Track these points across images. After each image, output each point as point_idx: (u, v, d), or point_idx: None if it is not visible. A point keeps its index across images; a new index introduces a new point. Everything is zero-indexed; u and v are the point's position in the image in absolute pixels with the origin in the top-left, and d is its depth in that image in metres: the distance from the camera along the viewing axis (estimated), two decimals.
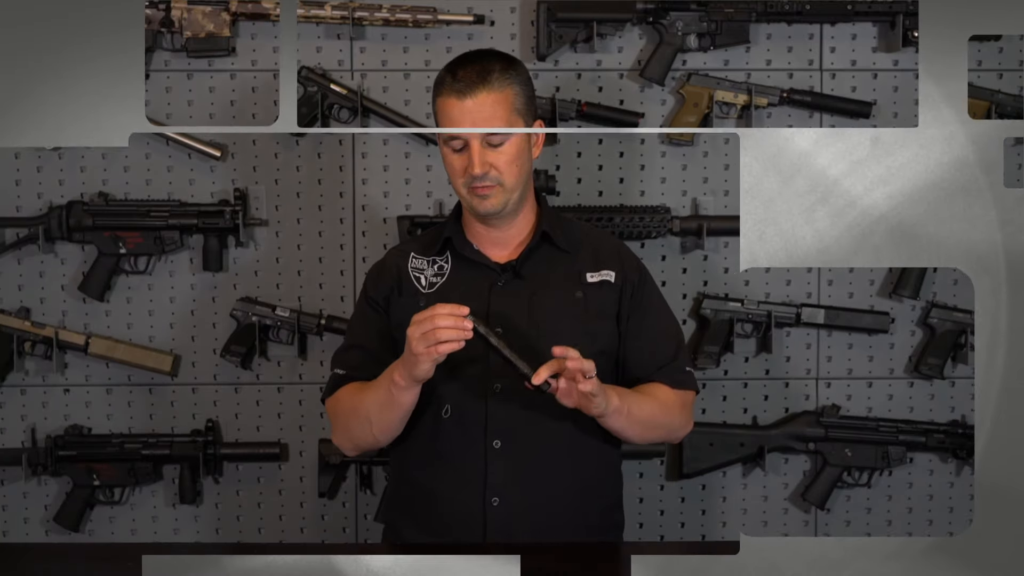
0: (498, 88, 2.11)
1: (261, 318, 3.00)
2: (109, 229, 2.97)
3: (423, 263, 2.23)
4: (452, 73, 2.13)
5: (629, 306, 2.22)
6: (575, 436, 2.16)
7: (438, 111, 2.15)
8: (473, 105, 2.09)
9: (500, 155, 2.11)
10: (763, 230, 1.68)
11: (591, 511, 2.20)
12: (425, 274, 2.22)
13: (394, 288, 2.22)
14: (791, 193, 1.69)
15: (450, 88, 2.12)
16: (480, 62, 2.14)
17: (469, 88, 2.10)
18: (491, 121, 2.10)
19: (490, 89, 2.11)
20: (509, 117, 2.12)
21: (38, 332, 3.00)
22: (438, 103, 2.15)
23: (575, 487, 2.17)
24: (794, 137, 1.69)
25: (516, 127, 2.13)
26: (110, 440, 3.00)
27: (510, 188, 2.13)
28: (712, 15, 2.99)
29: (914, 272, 3.04)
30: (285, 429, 3.07)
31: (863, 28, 3.05)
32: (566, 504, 2.15)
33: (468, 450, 2.13)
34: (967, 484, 3.12)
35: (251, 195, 3.02)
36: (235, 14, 2.96)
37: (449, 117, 2.11)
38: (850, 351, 3.10)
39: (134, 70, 1.68)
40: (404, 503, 2.23)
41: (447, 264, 2.22)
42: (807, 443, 3.06)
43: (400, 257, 2.26)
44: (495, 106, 2.10)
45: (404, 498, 2.23)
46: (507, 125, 2.11)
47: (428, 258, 2.24)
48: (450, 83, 2.12)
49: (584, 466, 2.19)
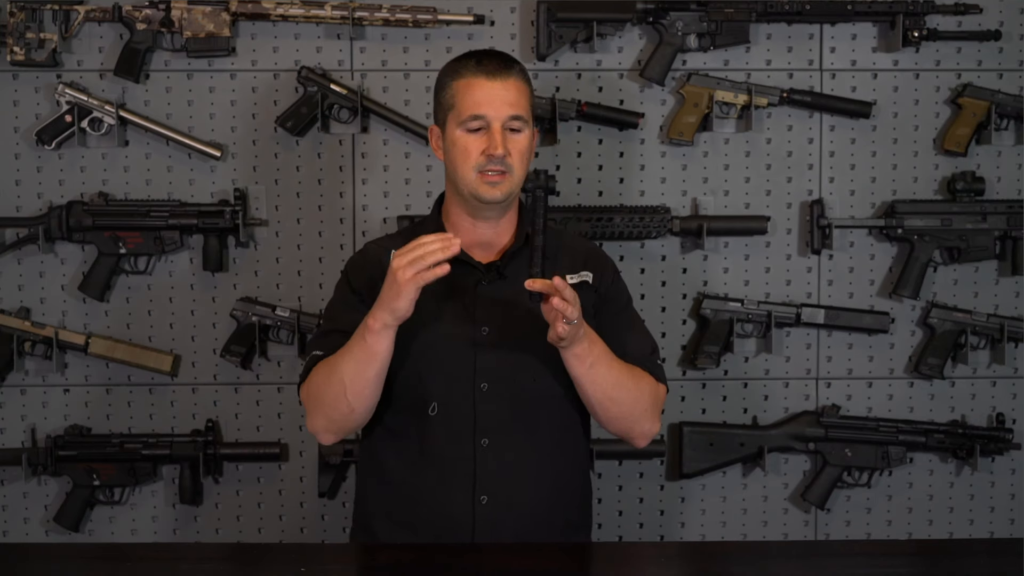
0: (522, 79, 2.17)
1: (261, 318, 3.00)
2: (109, 229, 2.97)
3: None
4: (475, 59, 2.17)
5: (605, 299, 2.23)
6: (558, 432, 2.18)
7: (458, 93, 2.14)
8: (502, 86, 2.13)
9: (517, 143, 2.13)
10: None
11: (571, 508, 2.22)
12: None
13: (376, 277, 2.19)
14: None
15: (475, 70, 2.14)
16: (501, 54, 2.20)
17: (498, 71, 2.14)
18: (516, 105, 2.13)
19: (516, 76, 2.16)
20: (528, 108, 2.16)
21: (38, 332, 3.00)
22: (459, 85, 2.15)
23: (558, 484, 2.18)
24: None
25: (529, 122, 2.16)
26: (110, 440, 3.01)
27: (516, 180, 2.14)
28: (712, 15, 2.99)
29: (914, 272, 3.04)
30: (285, 429, 3.07)
31: (863, 28, 3.05)
32: (550, 501, 2.17)
33: (456, 448, 2.13)
34: (967, 484, 3.12)
35: (251, 195, 3.02)
36: (235, 14, 2.96)
37: (474, 99, 2.12)
38: (850, 351, 3.10)
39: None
40: (382, 501, 2.21)
41: None
42: (807, 443, 3.06)
43: (382, 252, 2.23)
44: (519, 92, 2.15)
45: (382, 497, 2.21)
46: (527, 115, 2.15)
47: None
48: (474, 66, 2.15)
49: (565, 463, 2.20)
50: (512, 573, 1.96)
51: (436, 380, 2.14)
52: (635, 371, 2.16)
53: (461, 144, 2.13)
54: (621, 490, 3.08)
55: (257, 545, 2.94)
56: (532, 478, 2.15)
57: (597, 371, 2.09)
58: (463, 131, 2.13)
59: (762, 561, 2.08)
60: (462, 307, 2.15)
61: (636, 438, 2.20)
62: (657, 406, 2.20)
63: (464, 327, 2.14)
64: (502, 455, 2.13)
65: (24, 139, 3.01)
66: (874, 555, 2.12)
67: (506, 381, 2.13)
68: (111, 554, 2.23)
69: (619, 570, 2.01)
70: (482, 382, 2.13)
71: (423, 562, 1.98)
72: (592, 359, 2.07)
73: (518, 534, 2.12)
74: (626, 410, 2.15)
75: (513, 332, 2.14)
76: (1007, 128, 3.06)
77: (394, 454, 2.19)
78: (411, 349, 2.15)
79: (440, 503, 2.13)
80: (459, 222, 2.20)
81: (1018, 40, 3.07)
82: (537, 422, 2.15)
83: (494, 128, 2.11)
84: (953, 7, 2.99)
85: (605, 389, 2.11)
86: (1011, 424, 3.09)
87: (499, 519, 2.12)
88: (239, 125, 3.02)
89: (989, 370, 3.12)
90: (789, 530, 3.12)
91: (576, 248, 2.28)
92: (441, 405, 2.14)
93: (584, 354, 2.06)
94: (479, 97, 2.12)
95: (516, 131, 2.13)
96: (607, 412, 2.14)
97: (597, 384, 2.10)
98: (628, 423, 2.17)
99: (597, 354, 2.08)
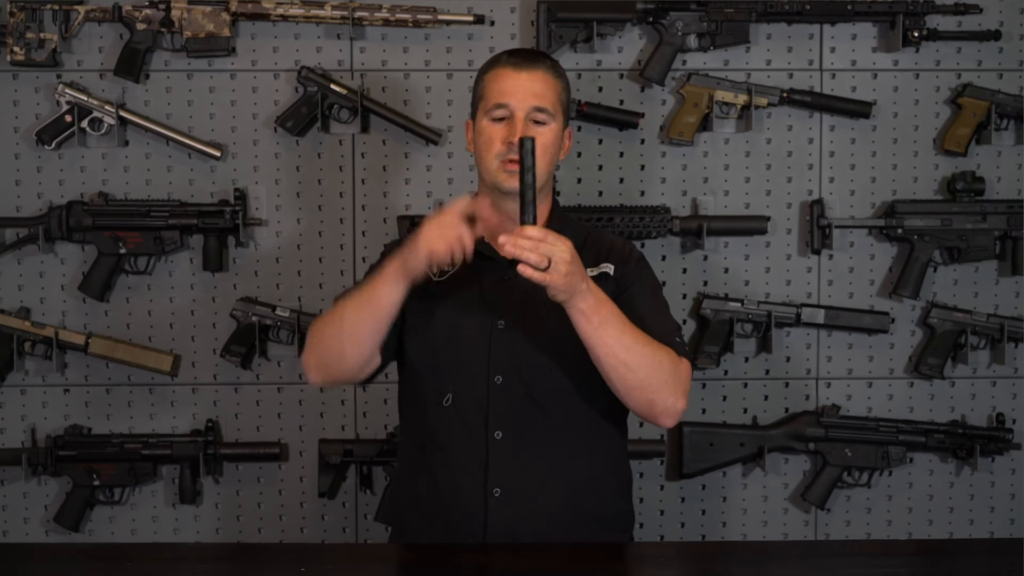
0: (552, 74, 2.19)
1: (261, 318, 3.00)
2: (109, 229, 2.97)
3: None
4: (508, 52, 2.22)
5: (628, 285, 2.20)
6: (578, 427, 2.16)
7: (487, 84, 2.18)
8: (528, 77, 2.15)
9: (540, 135, 2.13)
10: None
11: (595, 504, 2.19)
12: None
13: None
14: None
15: (506, 63, 2.18)
16: (534, 50, 2.26)
17: (526, 63, 2.17)
18: (542, 97, 2.14)
19: (545, 70, 2.18)
20: (556, 103, 2.17)
21: (38, 332, 3.00)
22: (488, 77, 2.19)
23: (578, 479, 2.16)
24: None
25: (557, 118, 2.16)
26: (110, 440, 3.01)
27: (538, 172, 2.12)
28: (712, 15, 2.99)
29: (914, 272, 3.04)
30: (285, 429, 3.07)
31: (863, 28, 3.05)
32: (569, 496, 2.15)
33: (469, 440, 2.14)
34: (967, 484, 3.12)
35: (251, 195, 3.02)
36: (235, 14, 2.96)
37: (500, 88, 2.16)
38: (850, 351, 3.10)
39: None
40: (410, 499, 2.22)
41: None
42: (807, 443, 3.06)
43: None
44: (546, 86, 2.16)
45: (410, 494, 2.22)
46: (553, 109, 2.16)
47: None
48: (506, 60, 2.19)
49: (588, 458, 2.18)
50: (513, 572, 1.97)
51: (451, 371, 2.15)
52: (652, 340, 2.09)
53: (487, 133, 2.16)
54: None
55: (257, 545, 2.94)
56: (549, 472, 2.14)
57: (607, 332, 2.03)
58: (488, 120, 2.16)
59: (762, 561, 2.08)
60: (481, 299, 2.16)
61: (660, 415, 2.10)
62: (680, 380, 2.11)
63: (481, 319, 2.15)
64: (517, 448, 2.13)
65: (24, 139, 3.01)
66: (874, 555, 2.12)
67: (520, 374, 2.13)
68: (111, 554, 2.24)
69: (619, 570, 2.01)
70: (496, 375, 2.13)
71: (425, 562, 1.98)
72: (599, 319, 2.01)
73: (535, 529, 2.11)
74: (643, 378, 2.06)
75: (529, 325, 2.14)
76: (1007, 128, 3.06)
77: (415, 445, 2.21)
78: (429, 340, 2.17)
79: (454, 495, 2.13)
80: (488, 215, 2.20)
81: (1018, 40, 3.07)
82: (554, 416, 2.14)
83: (517, 117, 2.13)
84: (953, 7, 2.99)
85: (617, 353, 2.03)
86: (1011, 424, 3.09)
87: (513, 513, 2.11)
88: (239, 125, 3.02)
89: (989, 370, 3.12)
90: (789, 530, 3.12)
91: (601, 241, 2.28)
92: (455, 397, 2.15)
93: (590, 312, 2.00)
94: (505, 86, 2.15)
95: (541, 123, 2.14)
96: (624, 380, 2.06)
97: (608, 347, 2.03)
98: (648, 394, 2.08)
99: (605, 315, 2.02)
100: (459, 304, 2.17)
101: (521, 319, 2.15)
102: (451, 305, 2.17)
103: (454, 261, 2.03)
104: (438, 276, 2.18)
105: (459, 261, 2.02)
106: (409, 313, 2.16)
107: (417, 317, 2.17)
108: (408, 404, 2.24)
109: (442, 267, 2.08)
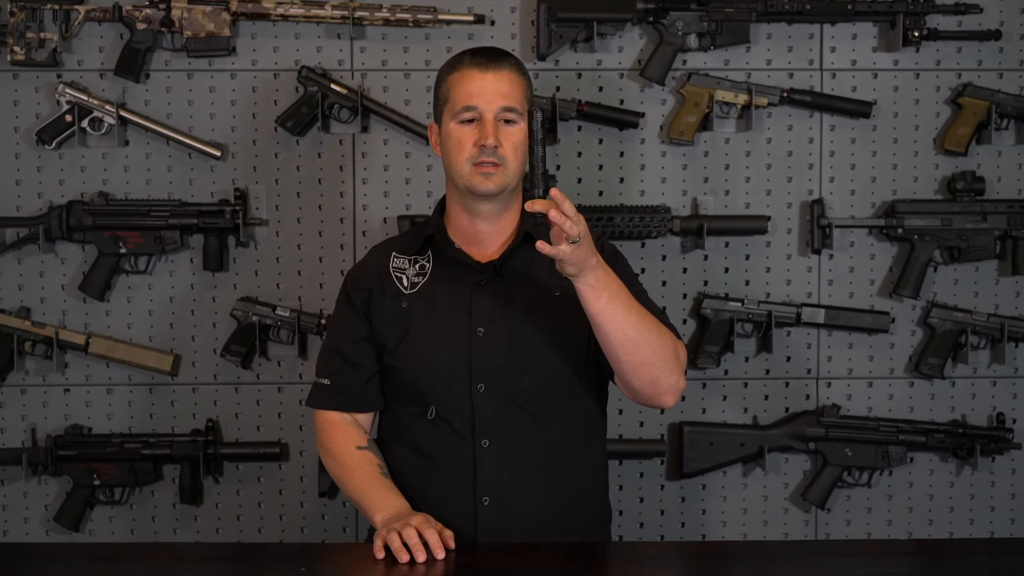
0: (517, 72, 2.16)
1: (261, 318, 3.00)
2: (109, 229, 2.97)
3: (404, 262, 2.22)
4: (470, 53, 2.18)
5: None
6: (563, 430, 2.16)
7: (452, 86, 2.14)
8: (495, 77, 2.12)
9: (510, 135, 2.11)
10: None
11: (583, 505, 2.20)
12: (407, 274, 2.21)
13: (374, 289, 2.20)
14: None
15: (470, 63, 2.15)
16: (495, 48, 2.20)
17: (492, 63, 2.14)
18: (510, 97, 2.12)
19: (510, 68, 2.15)
20: (523, 101, 2.14)
21: (38, 332, 3.00)
22: (453, 78, 2.15)
23: (566, 482, 2.16)
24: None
25: (525, 116, 2.13)
26: (110, 440, 3.01)
27: (511, 172, 2.12)
28: (712, 15, 2.98)
29: (914, 272, 3.04)
30: (285, 429, 3.07)
31: (863, 28, 3.05)
32: (560, 501, 2.15)
33: (457, 450, 2.13)
34: (967, 484, 3.12)
35: (251, 195, 3.02)
36: (235, 14, 2.96)
37: (467, 89, 2.12)
38: (850, 351, 3.10)
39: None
40: None
41: (428, 264, 2.21)
42: (807, 443, 3.06)
43: (381, 256, 2.24)
44: (513, 84, 2.14)
45: None
46: (521, 108, 2.13)
47: (410, 257, 2.22)
48: (469, 59, 2.15)
49: (573, 460, 2.18)
50: (510, 573, 1.96)
51: (433, 383, 2.14)
52: (655, 318, 2.09)
53: (455, 136, 2.13)
54: (621, 490, 3.08)
55: (257, 545, 2.94)
56: (537, 478, 2.14)
57: (615, 307, 2.00)
58: (457, 123, 2.13)
59: (762, 561, 2.08)
60: (459, 308, 2.15)
61: (663, 393, 2.08)
62: (679, 359, 2.09)
63: (460, 328, 2.14)
64: (504, 456, 2.13)
65: (24, 139, 3.01)
66: (874, 555, 2.12)
67: (503, 381, 2.12)
68: (111, 554, 2.23)
69: (619, 570, 2.01)
70: (478, 383, 2.13)
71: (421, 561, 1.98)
72: (608, 294, 1.99)
73: (526, 535, 2.11)
74: (651, 354, 2.03)
75: (509, 332, 2.13)
76: (1007, 128, 3.06)
77: (400, 456, 2.20)
78: (409, 351, 2.16)
79: (443, 505, 2.13)
80: (459, 221, 2.19)
81: (1018, 40, 3.07)
82: (539, 422, 2.14)
83: (486, 119, 2.10)
84: (953, 7, 2.99)
85: (626, 329, 2.00)
86: (1011, 424, 3.09)
87: (503, 520, 2.11)
88: (239, 125, 3.02)
89: (989, 370, 3.12)
90: (789, 530, 3.12)
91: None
92: (439, 408, 2.14)
93: (599, 286, 1.98)
94: (471, 88, 2.12)
95: (510, 123, 2.12)
96: (632, 357, 2.02)
97: (617, 323, 2.00)
98: (655, 371, 2.04)
99: (614, 290, 2.00)
100: (436, 315, 2.16)
101: (500, 325, 2.14)
102: (428, 318, 2.16)
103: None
104: (409, 288, 2.18)
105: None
106: (386, 335, 2.17)
107: (394, 337, 2.17)
108: (392, 416, 2.23)
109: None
